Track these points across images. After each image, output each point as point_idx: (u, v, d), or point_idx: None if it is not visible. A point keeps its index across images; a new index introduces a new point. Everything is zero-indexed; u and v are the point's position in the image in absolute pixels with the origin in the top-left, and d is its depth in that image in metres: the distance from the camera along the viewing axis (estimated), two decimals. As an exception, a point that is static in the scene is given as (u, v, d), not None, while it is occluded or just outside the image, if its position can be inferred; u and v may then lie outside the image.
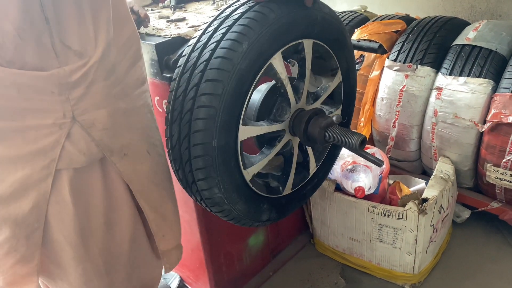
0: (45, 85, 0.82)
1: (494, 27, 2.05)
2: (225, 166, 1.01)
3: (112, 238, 1.02)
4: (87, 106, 0.88)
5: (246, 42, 0.94)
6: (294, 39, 1.07)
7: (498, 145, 1.84)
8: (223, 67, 0.92)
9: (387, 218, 1.80)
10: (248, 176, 1.09)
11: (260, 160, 1.13)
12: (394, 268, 1.93)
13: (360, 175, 1.85)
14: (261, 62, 1.00)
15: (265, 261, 2.07)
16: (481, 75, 1.89)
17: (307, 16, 1.08)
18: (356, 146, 1.07)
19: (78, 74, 0.85)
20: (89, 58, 0.86)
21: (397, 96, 2.12)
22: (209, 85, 0.92)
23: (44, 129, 0.85)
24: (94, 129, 0.90)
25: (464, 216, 2.20)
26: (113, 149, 0.94)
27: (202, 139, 0.94)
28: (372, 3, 3.09)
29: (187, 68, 0.97)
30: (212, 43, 0.96)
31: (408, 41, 2.15)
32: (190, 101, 0.94)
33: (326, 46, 1.18)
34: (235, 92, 0.95)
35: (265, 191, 1.20)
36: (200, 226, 1.66)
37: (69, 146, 0.88)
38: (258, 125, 1.11)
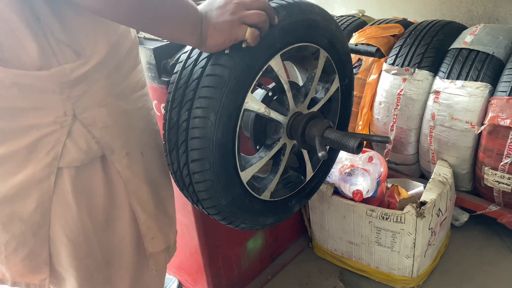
0: (46, 85, 0.82)
1: (491, 31, 2.06)
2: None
3: (112, 234, 1.02)
4: (88, 104, 0.88)
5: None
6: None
7: (495, 148, 1.85)
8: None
9: (385, 222, 1.80)
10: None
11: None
12: (393, 272, 1.93)
13: (358, 179, 1.85)
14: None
15: (263, 264, 2.07)
16: (479, 78, 1.90)
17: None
18: (354, 149, 1.07)
19: (78, 72, 0.84)
20: (88, 57, 0.86)
21: (395, 99, 2.13)
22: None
23: (46, 127, 0.85)
24: (94, 127, 0.90)
25: (463, 219, 2.20)
26: (113, 147, 0.94)
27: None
28: (370, 7, 3.11)
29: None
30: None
31: (405, 45, 2.16)
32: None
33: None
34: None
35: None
36: (198, 230, 1.66)
37: (70, 144, 0.88)
38: (258, 158, 1.14)
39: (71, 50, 0.84)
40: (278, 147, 1.16)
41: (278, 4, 1.00)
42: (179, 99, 0.97)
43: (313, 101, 1.22)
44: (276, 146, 1.15)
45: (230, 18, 0.87)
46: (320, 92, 1.26)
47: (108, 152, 0.94)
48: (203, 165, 0.97)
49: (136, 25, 0.84)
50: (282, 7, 1.00)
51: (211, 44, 0.89)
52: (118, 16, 0.79)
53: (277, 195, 1.23)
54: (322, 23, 1.11)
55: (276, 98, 1.15)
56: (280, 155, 1.19)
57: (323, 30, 1.12)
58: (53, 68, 0.82)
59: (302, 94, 1.19)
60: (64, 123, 0.86)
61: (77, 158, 0.89)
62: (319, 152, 1.05)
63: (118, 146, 0.95)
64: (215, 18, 0.88)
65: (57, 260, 0.96)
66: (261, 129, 1.17)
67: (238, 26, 0.88)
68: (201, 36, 0.88)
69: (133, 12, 0.79)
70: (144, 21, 0.82)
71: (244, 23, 0.88)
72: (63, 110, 0.85)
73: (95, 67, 0.87)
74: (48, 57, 0.81)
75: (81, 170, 0.92)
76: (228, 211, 1.08)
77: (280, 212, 1.27)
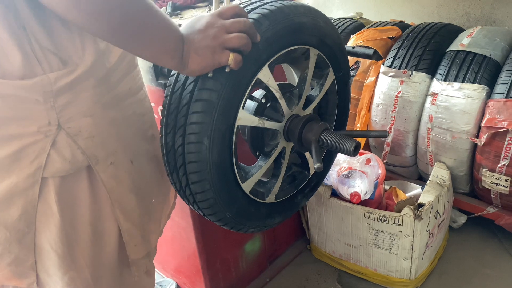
0: (29, 94, 0.80)
1: (488, 33, 2.06)
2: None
3: (101, 248, 1.00)
4: (73, 113, 0.86)
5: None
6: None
7: (493, 150, 1.85)
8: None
9: (383, 224, 1.80)
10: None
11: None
12: (391, 274, 1.93)
13: (356, 181, 1.86)
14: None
15: (261, 267, 2.07)
16: (476, 80, 1.90)
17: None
18: (350, 152, 1.07)
19: (63, 81, 0.82)
20: (75, 66, 0.84)
21: (392, 102, 2.13)
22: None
23: (29, 137, 0.83)
24: (80, 137, 0.88)
25: (460, 221, 2.20)
26: (98, 157, 0.92)
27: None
28: (367, 10, 3.11)
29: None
30: None
31: (403, 47, 2.17)
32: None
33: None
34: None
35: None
36: (196, 233, 1.66)
37: (55, 154, 0.86)
38: (257, 167, 1.13)
39: (57, 58, 0.82)
40: (277, 153, 1.16)
41: (260, 14, 0.96)
42: (172, 124, 0.97)
43: (309, 99, 1.21)
44: (275, 152, 1.15)
45: (212, 44, 0.85)
46: (315, 89, 1.24)
47: (93, 162, 0.92)
48: (203, 186, 0.99)
49: (116, 42, 0.81)
50: (264, 17, 0.97)
51: (193, 68, 0.87)
52: (98, 31, 0.77)
53: (282, 195, 1.23)
54: (308, 24, 1.07)
55: (269, 105, 1.14)
56: (281, 159, 1.18)
57: (310, 30, 1.09)
58: (37, 76, 0.80)
59: (296, 96, 1.18)
60: (48, 132, 0.84)
61: (62, 168, 0.88)
62: (315, 164, 1.05)
63: (103, 155, 0.93)
64: (197, 43, 0.85)
65: (43, 268, 0.95)
66: (258, 136, 1.16)
67: (220, 52, 0.86)
68: (182, 59, 0.86)
69: (115, 29, 0.76)
70: (125, 38, 0.79)
71: (226, 48, 0.86)
72: (47, 120, 0.83)
73: (82, 76, 0.85)
74: (32, 66, 0.80)
75: (66, 180, 0.90)
76: (234, 221, 1.10)
77: (287, 210, 1.28)
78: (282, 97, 1.09)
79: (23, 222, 0.88)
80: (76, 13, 0.73)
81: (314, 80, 1.25)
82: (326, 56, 1.19)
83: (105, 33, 0.78)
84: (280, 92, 1.08)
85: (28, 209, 0.88)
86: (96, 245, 0.99)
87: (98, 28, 0.76)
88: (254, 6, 0.99)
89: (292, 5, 1.03)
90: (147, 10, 0.79)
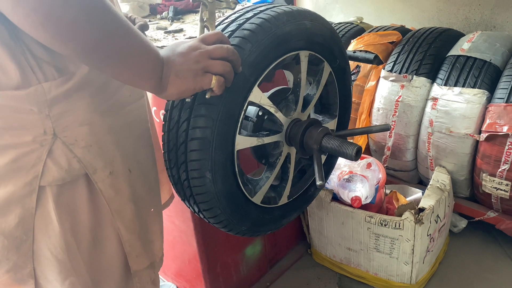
0: (22, 104, 0.79)
1: (488, 38, 2.07)
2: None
3: (100, 253, 1.00)
4: (69, 122, 0.84)
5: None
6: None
7: (493, 154, 1.85)
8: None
9: (384, 228, 1.80)
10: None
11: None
12: (392, 278, 1.93)
13: (356, 185, 1.86)
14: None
15: (262, 271, 2.07)
16: (476, 85, 1.91)
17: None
18: (352, 156, 1.08)
19: (58, 90, 0.81)
20: (71, 74, 0.83)
21: (393, 106, 2.14)
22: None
23: (24, 147, 0.82)
24: (76, 146, 0.87)
25: (461, 225, 2.20)
26: (96, 167, 0.91)
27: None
28: (368, 15, 3.12)
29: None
30: None
31: (403, 52, 2.18)
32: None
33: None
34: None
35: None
36: (197, 237, 1.66)
37: (51, 163, 0.85)
38: (265, 179, 1.14)
39: (52, 67, 0.81)
40: (282, 161, 1.16)
41: (241, 38, 0.93)
42: (174, 160, 0.98)
43: (307, 100, 1.20)
44: (279, 161, 1.16)
45: (194, 67, 0.82)
46: (313, 87, 1.23)
47: (90, 171, 0.90)
48: (214, 212, 1.02)
49: (89, 62, 0.76)
50: (245, 40, 0.93)
51: (171, 91, 0.83)
52: (68, 52, 0.72)
53: (294, 192, 1.24)
54: (293, 31, 1.02)
55: (267, 118, 1.13)
56: (287, 164, 1.19)
57: (297, 36, 1.04)
58: (32, 86, 0.79)
59: (293, 101, 1.18)
60: (43, 142, 0.83)
61: (59, 177, 0.87)
62: (317, 182, 1.06)
63: (101, 165, 0.92)
64: (178, 65, 0.82)
65: (42, 274, 0.95)
66: (261, 149, 1.17)
67: (202, 75, 0.83)
68: (161, 82, 0.82)
69: (85, 51, 0.72)
70: (100, 59, 0.75)
71: (208, 72, 0.83)
72: (42, 129, 0.82)
73: (78, 85, 0.84)
74: (27, 76, 0.79)
75: (64, 188, 0.90)
76: (252, 230, 1.13)
77: (302, 204, 1.30)
78: (278, 110, 1.08)
79: (20, 230, 0.87)
80: (42, 34, 0.69)
81: (310, 77, 1.23)
82: (318, 53, 1.15)
83: (76, 55, 0.73)
84: (274, 107, 1.07)
85: (26, 217, 0.87)
86: (97, 250, 0.99)
87: (66, 50, 0.72)
88: (234, 27, 0.96)
89: (273, 16, 0.98)
90: (121, 32, 0.75)
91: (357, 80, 2.35)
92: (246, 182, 1.09)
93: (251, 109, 1.11)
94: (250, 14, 0.99)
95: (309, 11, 1.10)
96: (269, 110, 1.06)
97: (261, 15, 0.97)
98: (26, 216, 0.87)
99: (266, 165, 1.18)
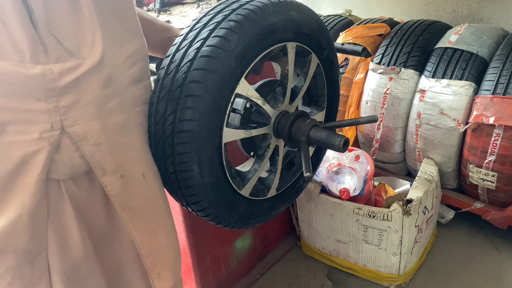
0: (29, 87, 0.73)
1: (475, 30, 2.08)
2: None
3: (111, 255, 0.97)
4: (78, 116, 0.78)
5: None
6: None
7: (480, 146, 1.87)
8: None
9: (372, 220, 1.82)
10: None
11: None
12: (380, 269, 1.95)
13: (345, 177, 1.86)
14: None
15: (252, 264, 2.07)
16: (463, 77, 1.92)
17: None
18: (340, 148, 1.08)
19: (68, 78, 0.76)
20: (82, 60, 0.77)
21: (381, 98, 2.15)
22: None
23: (31, 146, 0.75)
24: (85, 143, 0.81)
25: (448, 216, 2.22)
26: (106, 168, 0.85)
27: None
28: (356, 7, 3.12)
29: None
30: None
31: (391, 44, 2.18)
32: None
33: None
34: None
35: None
36: (186, 230, 1.65)
37: (61, 163, 0.80)
38: (253, 172, 1.14)
39: (64, 49, 0.76)
40: (270, 153, 1.16)
41: (227, 29, 0.92)
42: (161, 153, 0.96)
43: (295, 92, 1.20)
44: (268, 153, 1.15)
45: None
46: (300, 79, 1.22)
47: (100, 172, 0.84)
48: (202, 205, 1.01)
49: None
50: (231, 32, 0.92)
51: None
52: None
53: (283, 185, 1.24)
54: (280, 22, 1.01)
55: (254, 109, 1.12)
56: (275, 156, 1.19)
57: (284, 27, 1.03)
58: (40, 64, 0.73)
59: (281, 93, 1.17)
60: (51, 138, 0.77)
61: (65, 174, 0.83)
62: (305, 174, 1.06)
63: (112, 166, 0.86)
64: None
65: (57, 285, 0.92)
66: (249, 141, 1.16)
67: None
68: None
69: None
70: None
71: None
72: (49, 123, 0.76)
73: (88, 73, 0.78)
74: (36, 49, 0.73)
75: (81, 189, 0.86)
76: (240, 222, 1.13)
77: (290, 197, 1.30)
78: (265, 102, 1.08)
79: (33, 243, 0.82)
80: None
81: (298, 69, 1.22)
82: (306, 44, 1.14)
83: None
84: (262, 99, 1.06)
85: (39, 228, 0.81)
86: (107, 250, 0.96)
87: None
88: (220, 18, 0.94)
89: (259, 7, 0.97)
90: None
91: (345, 73, 2.35)
92: (234, 175, 1.09)
93: (238, 102, 1.10)
94: (236, 5, 0.98)
95: (296, 2, 1.09)
96: (256, 102, 1.06)
97: (247, 6, 0.96)
98: (39, 228, 0.81)
99: (255, 158, 1.18)
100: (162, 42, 1.18)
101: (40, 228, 0.82)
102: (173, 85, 0.92)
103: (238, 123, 1.10)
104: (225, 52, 0.91)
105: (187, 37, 0.96)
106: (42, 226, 0.82)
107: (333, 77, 1.31)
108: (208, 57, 0.90)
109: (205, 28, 0.94)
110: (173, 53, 0.95)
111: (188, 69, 0.91)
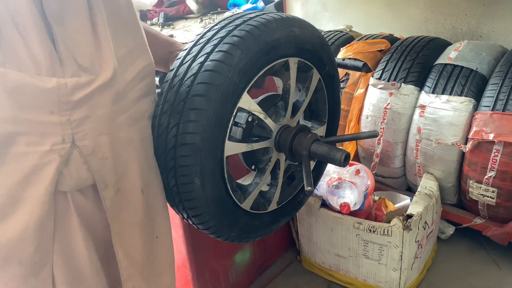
0: (43, 101, 0.74)
1: (474, 47, 2.11)
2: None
3: (116, 266, 0.96)
4: (89, 130, 0.80)
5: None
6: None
7: (480, 162, 1.88)
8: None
9: (372, 234, 1.81)
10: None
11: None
12: (380, 285, 1.93)
13: (345, 191, 1.86)
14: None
15: (251, 278, 2.06)
16: (463, 93, 1.94)
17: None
18: (341, 162, 1.09)
19: (81, 92, 0.77)
20: (96, 75, 0.79)
21: (381, 113, 2.16)
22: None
23: (41, 158, 0.76)
24: (93, 157, 0.82)
25: (449, 232, 2.22)
26: (108, 182, 0.87)
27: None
28: (357, 23, 3.15)
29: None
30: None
31: (392, 60, 2.20)
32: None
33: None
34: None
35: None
36: (186, 243, 1.65)
37: (68, 175, 0.81)
38: (254, 185, 1.14)
39: (78, 64, 0.78)
40: (271, 167, 1.17)
41: (231, 44, 0.94)
42: (163, 166, 0.98)
43: (296, 106, 1.21)
44: (269, 166, 1.16)
45: None
46: (302, 94, 1.24)
47: (101, 186, 0.86)
48: (202, 218, 1.01)
49: None
50: (235, 47, 0.93)
51: None
52: None
53: (284, 198, 1.25)
54: (283, 38, 1.03)
55: (256, 123, 1.14)
56: (276, 169, 1.19)
57: (286, 43, 1.05)
58: (55, 77, 0.75)
59: (282, 108, 1.18)
60: (61, 151, 0.78)
61: (72, 187, 0.83)
62: (306, 188, 1.07)
63: (113, 180, 0.88)
64: None
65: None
66: (250, 155, 1.18)
67: None
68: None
69: None
70: None
71: None
72: (61, 136, 0.78)
73: (100, 88, 0.81)
74: (53, 63, 0.75)
75: (87, 201, 0.87)
76: (241, 236, 1.14)
77: (291, 210, 1.30)
78: (267, 116, 1.09)
79: (39, 255, 0.82)
80: None
81: (299, 84, 1.23)
82: (308, 59, 1.16)
83: None
84: (264, 113, 1.08)
85: (44, 240, 0.82)
86: (107, 264, 0.96)
87: None
88: (223, 33, 0.96)
89: (263, 23, 0.98)
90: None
91: (346, 88, 2.37)
92: (236, 188, 1.09)
93: (240, 115, 1.11)
94: (239, 20, 0.99)
95: (299, 19, 1.11)
96: (258, 116, 1.07)
97: (251, 22, 0.98)
98: (45, 239, 0.82)
99: (256, 171, 1.19)
100: (165, 56, 1.20)
101: (46, 240, 0.82)
102: (176, 98, 0.93)
103: (240, 137, 1.11)
104: (228, 66, 0.92)
105: (191, 51, 0.97)
106: (48, 238, 0.83)
107: (334, 92, 1.32)
108: (211, 71, 0.91)
109: (209, 43, 0.96)
110: (177, 67, 0.97)
111: (191, 83, 0.92)
